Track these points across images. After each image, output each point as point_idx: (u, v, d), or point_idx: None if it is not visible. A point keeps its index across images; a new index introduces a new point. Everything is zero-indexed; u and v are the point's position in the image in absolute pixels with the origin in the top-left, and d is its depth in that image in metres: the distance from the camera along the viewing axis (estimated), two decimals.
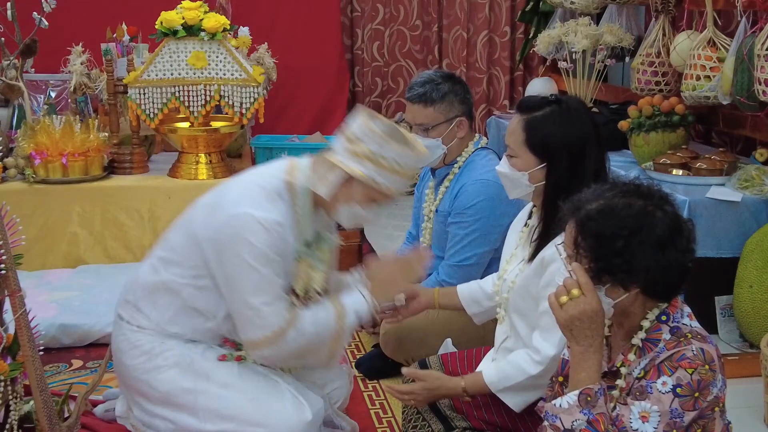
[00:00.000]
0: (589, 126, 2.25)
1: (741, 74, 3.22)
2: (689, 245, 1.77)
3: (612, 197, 1.77)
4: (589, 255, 1.74)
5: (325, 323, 2.39)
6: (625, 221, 1.72)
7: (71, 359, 3.31)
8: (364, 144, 2.29)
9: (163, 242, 2.52)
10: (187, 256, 2.40)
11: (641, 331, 1.79)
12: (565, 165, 2.21)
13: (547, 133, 2.22)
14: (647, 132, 3.69)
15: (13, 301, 2.16)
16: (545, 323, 2.16)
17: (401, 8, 5.88)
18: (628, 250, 1.71)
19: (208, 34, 4.05)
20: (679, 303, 1.82)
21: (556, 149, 2.21)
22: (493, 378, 2.24)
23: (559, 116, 2.23)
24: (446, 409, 2.34)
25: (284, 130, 5.44)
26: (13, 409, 2.21)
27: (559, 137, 2.21)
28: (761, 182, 3.23)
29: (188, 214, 2.47)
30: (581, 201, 1.80)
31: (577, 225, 1.77)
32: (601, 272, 1.74)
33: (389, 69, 5.96)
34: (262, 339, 2.31)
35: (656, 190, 1.80)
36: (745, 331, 3.11)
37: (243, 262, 2.27)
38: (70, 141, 4.07)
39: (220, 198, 2.38)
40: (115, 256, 4.11)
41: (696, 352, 1.70)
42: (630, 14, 4.57)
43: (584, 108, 2.32)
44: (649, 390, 1.70)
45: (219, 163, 4.31)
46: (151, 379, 2.45)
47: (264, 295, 2.29)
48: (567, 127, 2.22)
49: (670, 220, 1.74)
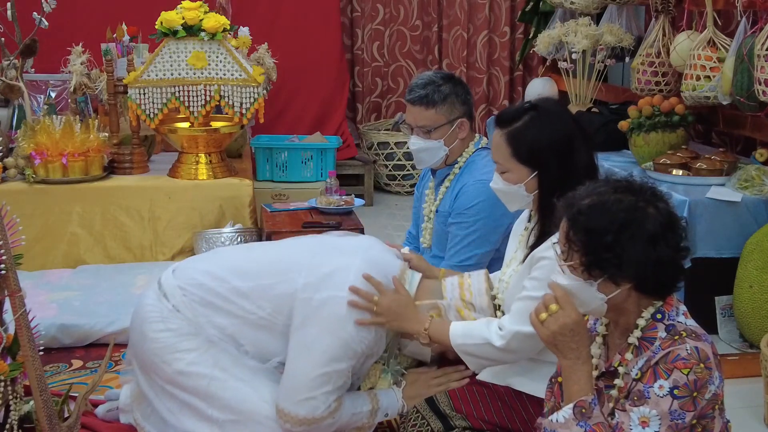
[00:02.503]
0: (571, 123, 2.26)
1: (741, 74, 3.22)
2: (682, 243, 1.77)
3: (604, 193, 1.78)
4: (580, 249, 1.75)
5: (359, 416, 2.40)
6: (616, 216, 1.73)
7: (71, 359, 3.30)
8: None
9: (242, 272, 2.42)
10: (268, 300, 2.36)
11: (637, 330, 1.79)
12: (555, 167, 2.22)
13: (531, 141, 2.23)
14: (647, 132, 3.69)
15: (13, 301, 2.15)
16: (516, 308, 2.20)
17: (401, 8, 5.88)
18: (618, 244, 1.72)
19: (208, 34, 4.05)
20: (674, 301, 1.82)
21: (544, 154, 2.22)
22: (458, 333, 2.26)
23: (539, 121, 2.24)
24: (445, 408, 2.34)
25: (284, 130, 5.45)
26: (13, 409, 2.21)
27: (544, 142, 2.22)
28: (761, 182, 3.23)
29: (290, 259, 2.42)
30: (575, 198, 1.81)
31: (569, 220, 1.78)
32: (592, 266, 1.75)
33: (389, 69, 5.96)
34: (300, 418, 2.28)
35: (649, 187, 1.81)
36: (745, 331, 3.11)
37: (330, 343, 2.26)
38: (70, 141, 4.07)
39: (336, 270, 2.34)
40: (115, 256, 4.11)
41: (690, 351, 1.70)
42: (630, 14, 4.58)
43: (561, 108, 2.33)
44: (647, 395, 1.70)
45: (219, 163, 4.31)
46: (167, 356, 2.40)
47: (328, 385, 2.28)
48: (549, 130, 2.22)
49: (662, 217, 1.75)
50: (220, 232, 4.00)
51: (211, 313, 2.40)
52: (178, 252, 4.13)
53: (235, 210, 4.19)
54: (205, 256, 2.76)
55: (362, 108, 6.08)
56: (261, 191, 4.87)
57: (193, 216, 4.15)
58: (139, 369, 2.52)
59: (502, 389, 2.32)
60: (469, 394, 2.36)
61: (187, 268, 2.52)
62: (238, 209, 4.19)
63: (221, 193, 4.17)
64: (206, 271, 2.46)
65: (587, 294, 1.78)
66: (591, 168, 2.24)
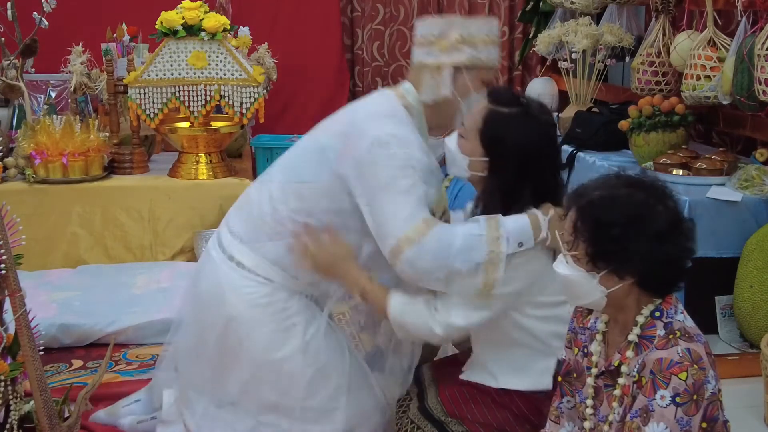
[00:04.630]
0: (547, 143, 2.23)
1: (741, 74, 3.22)
2: (688, 243, 1.78)
3: (615, 187, 1.79)
4: (587, 240, 1.76)
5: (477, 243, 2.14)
6: (625, 210, 1.74)
7: (71, 359, 3.30)
8: (449, 36, 2.29)
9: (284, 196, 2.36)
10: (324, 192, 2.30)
11: (636, 327, 1.80)
12: (509, 170, 2.19)
13: (501, 132, 2.20)
14: (647, 132, 3.69)
15: (13, 301, 2.16)
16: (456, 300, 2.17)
17: (401, 8, 5.88)
18: (624, 238, 1.72)
19: (208, 34, 4.05)
20: (673, 299, 1.82)
21: (504, 151, 2.19)
22: (397, 306, 2.21)
23: (521, 121, 2.20)
24: (440, 414, 2.31)
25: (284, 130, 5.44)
26: (13, 409, 2.21)
27: (510, 141, 2.19)
28: (761, 182, 3.23)
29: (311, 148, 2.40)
30: (586, 189, 1.82)
31: (578, 210, 1.79)
32: (597, 258, 1.75)
33: (389, 69, 5.96)
34: (402, 237, 2.13)
35: (660, 185, 1.81)
36: (746, 331, 3.11)
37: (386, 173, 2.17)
38: (70, 141, 4.07)
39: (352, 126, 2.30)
40: (116, 256, 4.11)
41: (682, 353, 1.70)
42: (630, 14, 4.57)
43: (550, 124, 2.29)
44: (651, 408, 1.70)
45: (219, 163, 4.31)
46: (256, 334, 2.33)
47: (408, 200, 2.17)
48: (523, 135, 2.18)
49: (670, 215, 1.76)
50: None
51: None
52: (178, 252, 4.13)
53: None
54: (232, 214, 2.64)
55: None
56: None
57: (194, 216, 4.15)
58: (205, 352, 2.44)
59: (491, 388, 2.29)
60: (461, 397, 2.32)
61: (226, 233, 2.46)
62: None
63: (221, 193, 4.17)
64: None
65: (588, 286, 1.78)
66: (548, 192, 2.21)
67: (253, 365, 2.36)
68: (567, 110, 4.59)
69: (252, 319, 2.34)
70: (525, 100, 2.27)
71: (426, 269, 2.14)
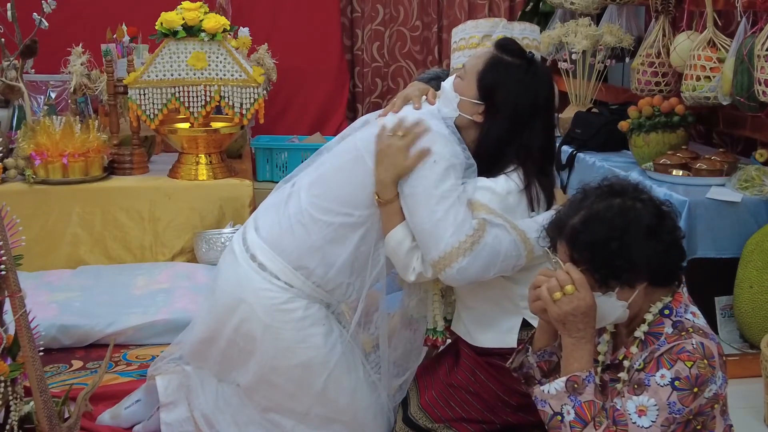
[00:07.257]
0: (544, 101, 2.25)
1: (741, 75, 3.22)
2: (675, 223, 1.80)
3: (591, 204, 1.79)
4: (591, 266, 1.75)
5: (509, 246, 2.18)
6: (612, 222, 1.74)
7: (71, 360, 3.30)
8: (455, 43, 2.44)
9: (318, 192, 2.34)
10: (359, 196, 2.29)
11: (644, 324, 1.80)
12: (501, 116, 2.21)
13: (500, 81, 2.21)
14: (647, 132, 3.69)
15: (13, 302, 2.16)
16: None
17: (401, 9, 5.88)
18: (625, 248, 1.72)
19: (208, 34, 4.05)
20: (683, 298, 1.83)
21: (499, 100, 2.21)
22: (391, 242, 2.24)
23: (522, 74, 2.22)
24: (425, 422, 2.30)
25: (284, 130, 5.45)
26: (13, 410, 2.21)
27: (507, 91, 2.20)
28: (761, 183, 3.23)
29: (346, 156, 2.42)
30: (562, 219, 1.82)
31: (568, 242, 1.78)
32: (607, 278, 1.75)
33: (389, 69, 5.96)
34: (458, 246, 2.13)
35: (627, 183, 1.83)
36: (745, 332, 3.11)
37: (429, 172, 2.17)
38: (70, 142, 4.06)
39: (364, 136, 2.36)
40: (116, 257, 4.11)
41: (696, 345, 1.71)
42: (630, 15, 4.58)
43: (548, 83, 2.30)
44: (647, 383, 1.70)
45: (219, 164, 4.31)
46: (285, 330, 2.31)
47: (452, 203, 2.16)
48: (521, 89, 2.20)
49: (651, 206, 1.77)
50: (221, 232, 4.01)
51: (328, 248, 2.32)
52: (178, 252, 4.13)
53: (236, 210, 4.18)
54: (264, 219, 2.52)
55: (362, 108, 6.08)
56: (261, 192, 4.84)
57: (194, 216, 4.15)
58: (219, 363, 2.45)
59: (472, 385, 2.29)
60: (441, 400, 2.33)
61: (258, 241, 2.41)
62: (239, 210, 4.18)
63: (221, 194, 4.17)
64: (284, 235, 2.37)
65: (608, 306, 1.77)
66: (540, 148, 2.23)
67: (265, 368, 2.36)
68: (567, 111, 4.59)
69: (270, 324, 2.33)
70: (532, 55, 2.27)
71: (474, 277, 2.17)
